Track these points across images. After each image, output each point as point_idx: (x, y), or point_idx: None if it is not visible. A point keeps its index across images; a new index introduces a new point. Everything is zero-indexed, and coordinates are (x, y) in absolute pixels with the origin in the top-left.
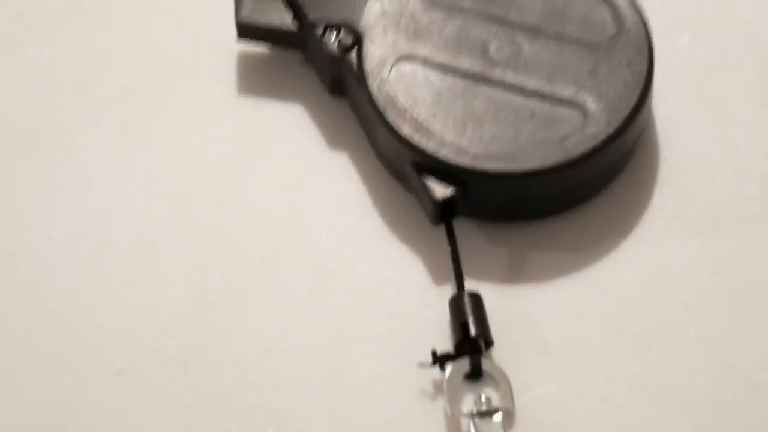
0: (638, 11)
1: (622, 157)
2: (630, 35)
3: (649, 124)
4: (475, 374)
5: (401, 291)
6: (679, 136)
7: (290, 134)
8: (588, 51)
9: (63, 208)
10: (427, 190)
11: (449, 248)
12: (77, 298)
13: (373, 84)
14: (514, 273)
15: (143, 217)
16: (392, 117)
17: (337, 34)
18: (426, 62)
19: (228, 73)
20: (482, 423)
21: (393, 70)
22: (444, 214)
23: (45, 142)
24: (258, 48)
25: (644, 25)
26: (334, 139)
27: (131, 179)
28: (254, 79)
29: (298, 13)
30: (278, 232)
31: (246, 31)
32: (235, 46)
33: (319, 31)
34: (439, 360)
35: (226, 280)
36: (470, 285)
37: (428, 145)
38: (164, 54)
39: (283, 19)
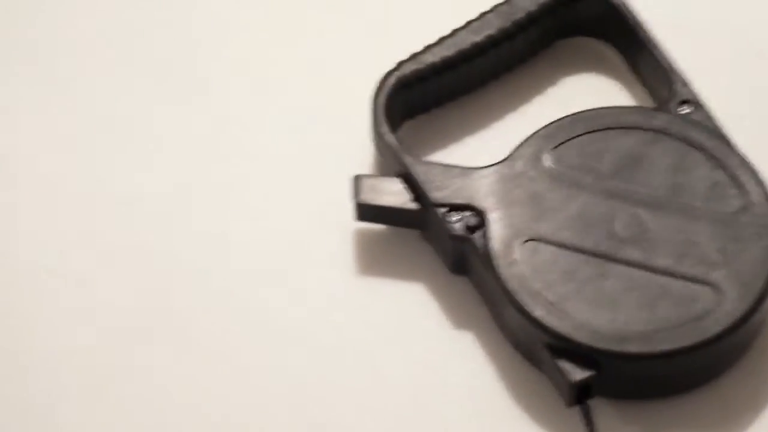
0: (761, 184)
1: (754, 332)
2: (756, 209)
3: None
4: None
5: None
6: None
7: (411, 313)
8: (715, 225)
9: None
10: (562, 373)
11: (586, 430)
12: None
13: (501, 265)
14: None
15: (263, 406)
16: (524, 299)
17: (460, 215)
18: (553, 241)
19: (346, 252)
20: None
21: (520, 250)
22: (580, 396)
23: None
24: (375, 226)
25: None
26: (457, 317)
27: (252, 365)
28: (373, 258)
29: (418, 194)
30: (403, 415)
31: (364, 212)
32: (352, 225)
33: (442, 211)
34: None
35: None
36: None
37: (562, 327)
38: (284, 235)
39: (402, 200)
